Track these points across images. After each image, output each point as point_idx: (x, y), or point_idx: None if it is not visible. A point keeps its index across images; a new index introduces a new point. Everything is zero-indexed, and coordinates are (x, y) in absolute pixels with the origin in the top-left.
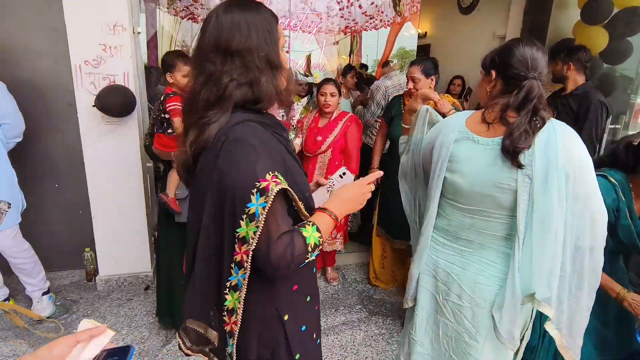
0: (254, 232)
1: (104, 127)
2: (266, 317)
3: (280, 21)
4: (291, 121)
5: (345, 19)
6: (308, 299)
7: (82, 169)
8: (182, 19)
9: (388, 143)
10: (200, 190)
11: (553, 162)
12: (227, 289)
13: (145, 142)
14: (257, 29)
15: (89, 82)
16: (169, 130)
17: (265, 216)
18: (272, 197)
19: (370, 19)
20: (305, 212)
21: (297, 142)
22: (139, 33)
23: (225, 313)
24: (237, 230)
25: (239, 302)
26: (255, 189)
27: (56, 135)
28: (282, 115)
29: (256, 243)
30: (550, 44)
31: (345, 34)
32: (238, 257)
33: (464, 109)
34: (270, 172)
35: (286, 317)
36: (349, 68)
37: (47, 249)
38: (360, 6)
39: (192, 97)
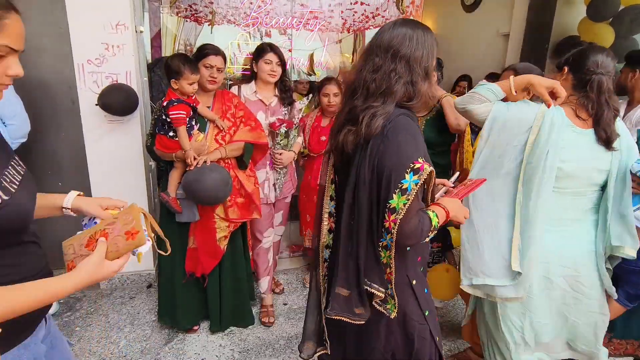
0: (404, 204)
1: (106, 126)
2: (399, 283)
3: (281, 20)
4: (293, 119)
5: (344, 19)
6: (422, 268)
7: (86, 167)
8: (184, 19)
9: None
10: (358, 170)
11: (625, 138)
12: (380, 248)
13: (147, 142)
14: (423, 45)
15: (92, 80)
16: (170, 134)
17: (415, 191)
18: (425, 176)
19: (373, 17)
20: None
21: (298, 141)
22: (141, 32)
23: (383, 270)
24: (389, 201)
25: (391, 259)
26: (410, 169)
27: (60, 133)
28: (285, 114)
29: (404, 213)
30: (555, 41)
31: (349, 32)
32: (387, 224)
33: None
34: (421, 158)
35: (414, 282)
36: None
37: (51, 247)
38: (362, 3)
39: (357, 83)
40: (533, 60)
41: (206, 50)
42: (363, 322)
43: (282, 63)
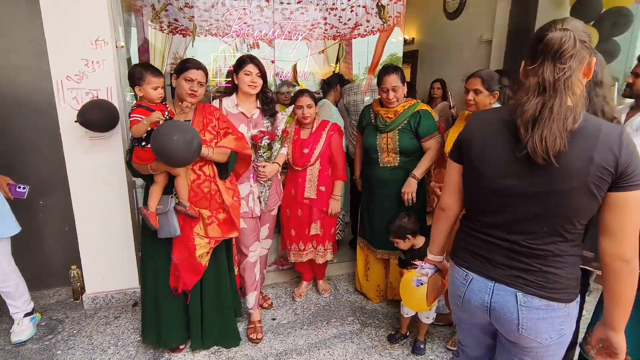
0: None
1: (87, 143)
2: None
3: (263, 32)
4: (276, 131)
5: (327, 30)
6: None
7: (67, 184)
8: (172, 33)
9: None
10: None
11: None
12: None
13: (126, 158)
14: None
15: (72, 97)
16: (143, 144)
17: None
18: None
19: (355, 27)
20: None
21: (283, 152)
22: (122, 47)
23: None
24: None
25: None
26: None
27: (41, 151)
28: (267, 126)
29: None
30: None
31: (335, 40)
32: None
33: (450, 114)
34: None
35: None
36: (337, 79)
37: (33, 267)
38: (340, 18)
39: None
40: (516, 65)
41: (187, 64)
42: None
43: (263, 74)
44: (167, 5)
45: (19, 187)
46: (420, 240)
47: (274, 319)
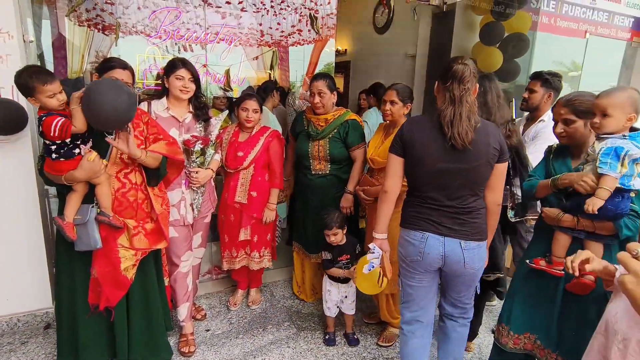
0: None
1: None
2: None
3: (194, 34)
4: (210, 136)
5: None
6: None
7: None
8: (92, 29)
9: None
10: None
11: None
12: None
13: (37, 165)
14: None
15: None
16: (54, 156)
17: None
18: None
19: (289, 35)
20: None
21: (216, 158)
22: (31, 42)
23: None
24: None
25: None
26: None
27: None
28: (200, 130)
29: None
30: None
31: (270, 47)
32: None
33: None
34: None
35: None
36: (273, 85)
37: None
38: (278, 24)
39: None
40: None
41: (112, 63)
42: None
43: (196, 79)
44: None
45: None
46: (343, 237)
47: (208, 330)
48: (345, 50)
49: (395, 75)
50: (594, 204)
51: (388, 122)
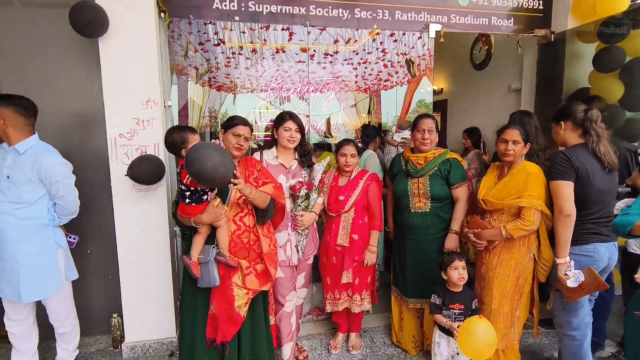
0: None
1: (135, 195)
2: None
3: (299, 88)
4: (313, 181)
5: (358, 83)
6: None
7: (113, 233)
8: (211, 88)
9: None
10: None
11: None
12: None
13: (172, 209)
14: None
15: (123, 153)
16: (187, 200)
17: None
18: None
19: (385, 80)
20: None
21: (319, 202)
22: (169, 106)
23: None
24: None
25: None
26: None
27: (91, 202)
28: (305, 176)
29: None
30: (567, 94)
31: (366, 93)
32: None
33: (483, 161)
34: None
35: None
36: (376, 131)
37: (77, 314)
38: (371, 70)
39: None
40: (546, 111)
41: (235, 120)
42: None
43: (301, 129)
44: (210, 69)
45: (70, 237)
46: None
47: None
48: (442, 89)
49: (497, 111)
50: None
51: (504, 162)
